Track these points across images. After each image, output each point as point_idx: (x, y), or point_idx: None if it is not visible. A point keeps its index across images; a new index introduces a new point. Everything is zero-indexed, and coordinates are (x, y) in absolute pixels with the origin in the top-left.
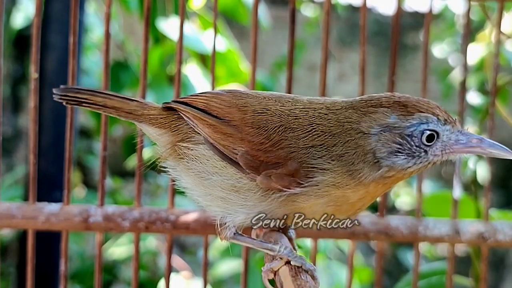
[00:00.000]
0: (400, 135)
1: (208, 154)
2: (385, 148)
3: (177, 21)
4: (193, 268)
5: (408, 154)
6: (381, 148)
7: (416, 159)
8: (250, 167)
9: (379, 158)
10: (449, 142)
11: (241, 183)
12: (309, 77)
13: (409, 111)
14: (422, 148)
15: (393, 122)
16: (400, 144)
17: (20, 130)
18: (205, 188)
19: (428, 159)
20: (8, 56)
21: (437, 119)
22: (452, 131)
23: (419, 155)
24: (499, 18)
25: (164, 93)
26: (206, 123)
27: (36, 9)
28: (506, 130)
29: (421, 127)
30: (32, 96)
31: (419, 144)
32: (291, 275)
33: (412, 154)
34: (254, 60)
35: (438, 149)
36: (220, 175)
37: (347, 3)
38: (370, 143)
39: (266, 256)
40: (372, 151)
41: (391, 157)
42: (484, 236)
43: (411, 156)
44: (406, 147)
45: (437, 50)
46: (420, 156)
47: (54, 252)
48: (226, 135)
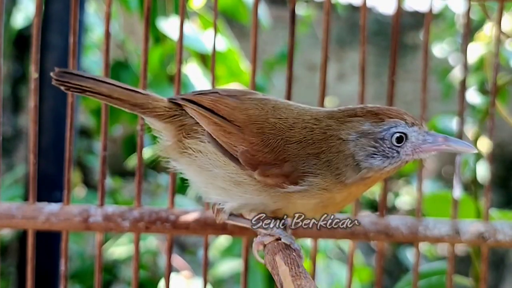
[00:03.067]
0: (374, 139)
1: (211, 149)
2: (362, 152)
3: (177, 21)
4: (193, 268)
5: (383, 155)
6: (359, 152)
7: (391, 159)
8: (249, 164)
9: (358, 161)
10: (418, 142)
11: (241, 178)
12: (309, 77)
13: (380, 118)
14: (394, 149)
15: (367, 129)
16: (375, 147)
17: (20, 130)
18: (206, 178)
19: (401, 158)
20: (8, 56)
21: (405, 122)
22: (419, 133)
23: (392, 155)
24: (499, 18)
25: (165, 92)
26: (212, 121)
27: (36, 9)
28: (506, 130)
29: (390, 130)
30: (32, 96)
31: (391, 145)
32: (291, 275)
33: (386, 155)
34: (254, 60)
35: (409, 149)
36: (222, 168)
37: (347, 3)
38: (349, 148)
39: (259, 231)
40: (352, 155)
41: (369, 159)
42: (484, 236)
43: (386, 157)
44: (381, 149)
45: (437, 49)
46: (394, 156)
47: (54, 252)
48: (230, 133)
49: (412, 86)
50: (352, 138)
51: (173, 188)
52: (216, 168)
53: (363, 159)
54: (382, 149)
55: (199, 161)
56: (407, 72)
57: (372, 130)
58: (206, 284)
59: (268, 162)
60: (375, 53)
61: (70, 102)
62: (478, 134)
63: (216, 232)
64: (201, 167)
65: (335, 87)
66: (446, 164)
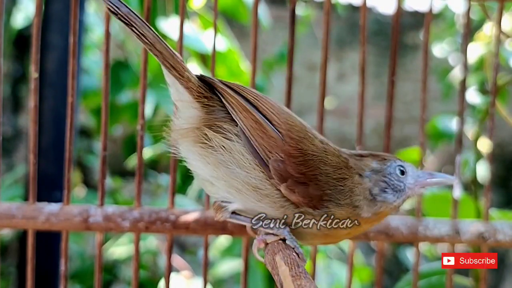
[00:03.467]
0: (383, 175)
1: (238, 149)
2: (377, 186)
3: (177, 21)
4: (193, 268)
5: (393, 189)
6: (374, 187)
7: (399, 193)
8: (278, 174)
9: (374, 195)
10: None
11: (263, 185)
12: (309, 77)
13: (382, 158)
14: (401, 182)
15: (376, 167)
16: (386, 182)
17: (20, 130)
18: (222, 175)
19: (406, 192)
20: (8, 56)
21: (400, 160)
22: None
23: (400, 189)
24: (499, 18)
25: (165, 93)
26: (253, 118)
27: (36, 9)
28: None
29: (393, 164)
30: (32, 96)
31: (398, 178)
32: (291, 275)
33: (395, 188)
34: (254, 60)
35: (410, 181)
36: (245, 170)
37: (347, 3)
38: (366, 183)
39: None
40: (368, 189)
41: (382, 194)
42: (484, 236)
43: (395, 190)
44: (391, 184)
45: (437, 49)
46: (401, 189)
47: (54, 252)
48: (270, 137)
49: (412, 86)
50: (367, 174)
51: (173, 188)
52: (238, 168)
53: (378, 193)
54: (392, 183)
55: (221, 156)
56: (407, 72)
57: (380, 167)
58: (206, 284)
59: (298, 178)
60: (375, 53)
61: (70, 102)
62: (478, 134)
63: (216, 232)
64: (220, 162)
65: (335, 87)
66: (446, 164)
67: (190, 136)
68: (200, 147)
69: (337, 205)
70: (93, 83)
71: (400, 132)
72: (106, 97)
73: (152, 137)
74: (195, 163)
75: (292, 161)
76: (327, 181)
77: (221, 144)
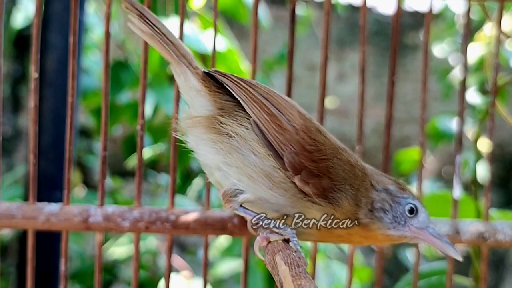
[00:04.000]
0: (392, 199)
1: (253, 137)
2: (380, 203)
3: (177, 21)
4: (193, 268)
5: (393, 217)
6: (377, 202)
7: (397, 224)
8: (292, 166)
9: (374, 208)
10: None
11: (276, 174)
12: (309, 77)
13: (403, 188)
14: (404, 217)
15: (391, 188)
16: (390, 206)
17: (20, 130)
18: (235, 161)
19: (404, 230)
20: (8, 56)
21: (419, 202)
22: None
23: (399, 221)
24: (499, 18)
25: (165, 93)
26: (267, 111)
27: (36, 9)
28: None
29: (408, 199)
30: (32, 96)
31: (403, 212)
32: (291, 275)
33: (395, 218)
34: (254, 60)
35: (415, 225)
36: (259, 157)
37: (347, 3)
38: (373, 194)
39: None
40: (372, 200)
41: (381, 213)
42: (484, 236)
43: (394, 219)
44: (393, 211)
45: (437, 50)
46: (400, 223)
47: (54, 252)
48: (284, 130)
49: (412, 86)
50: (379, 188)
51: (173, 188)
52: (253, 155)
53: (378, 209)
54: (395, 211)
55: (236, 142)
56: (407, 72)
57: (395, 192)
58: (206, 284)
59: (312, 171)
60: (375, 53)
61: (70, 102)
62: (478, 134)
63: (216, 232)
64: (235, 149)
65: (335, 87)
66: (446, 164)
67: (202, 124)
68: (214, 134)
69: (345, 197)
70: (93, 83)
71: (400, 132)
72: (106, 97)
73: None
74: (205, 151)
75: (305, 154)
76: (339, 173)
77: (237, 131)
